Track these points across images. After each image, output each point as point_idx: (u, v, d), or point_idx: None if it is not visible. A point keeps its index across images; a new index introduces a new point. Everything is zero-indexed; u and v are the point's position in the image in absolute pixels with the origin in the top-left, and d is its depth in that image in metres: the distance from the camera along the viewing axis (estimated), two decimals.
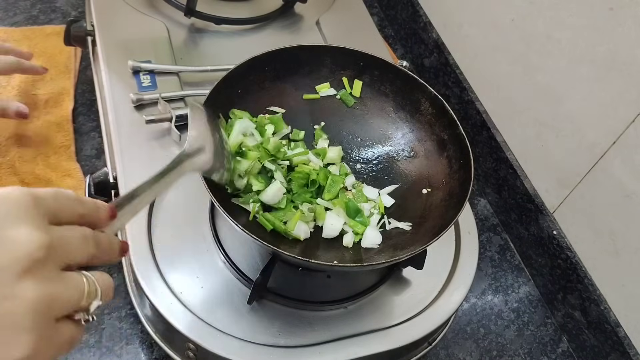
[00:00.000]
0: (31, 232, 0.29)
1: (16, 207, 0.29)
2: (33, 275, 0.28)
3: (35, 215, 0.30)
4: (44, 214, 0.31)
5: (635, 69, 0.64)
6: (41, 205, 0.31)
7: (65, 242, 0.31)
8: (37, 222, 0.30)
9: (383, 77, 0.68)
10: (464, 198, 0.56)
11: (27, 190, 0.31)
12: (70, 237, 0.32)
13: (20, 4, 0.97)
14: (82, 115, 0.85)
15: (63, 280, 0.30)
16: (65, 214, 0.32)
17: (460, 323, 0.77)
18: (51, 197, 0.32)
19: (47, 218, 0.31)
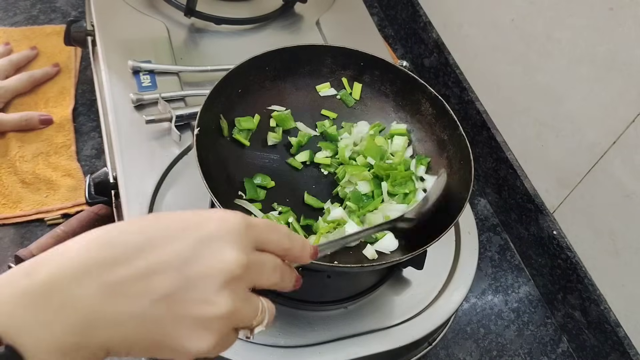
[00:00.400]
0: (238, 253, 0.34)
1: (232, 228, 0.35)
2: (230, 289, 0.33)
3: (245, 239, 0.35)
4: (252, 240, 0.36)
5: (635, 69, 0.64)
6: (252, 232, 0.36)
7: (259, 267, 0.36)
8: (244, 245, 0.35)
9: (383, 77, 0.68)
10: (464, 198, 0.56)
11: (244, 217, 0.36)
12: (264, 264, 0.37)
13: (20, 4, 0.97)
14: (82, 115, 0.85)
15: (249, 300, 0.36)
16: (271, 244, 0.37)
17: (460, 323, 0.77)
18: (263, 228, 0.37)
19: (254, 244, 0.36)
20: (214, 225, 0.34)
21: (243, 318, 0.35)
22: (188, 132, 0.70)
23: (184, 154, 0.68)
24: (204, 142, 0.57)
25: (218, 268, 0.33)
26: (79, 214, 0.72)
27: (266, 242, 0.37)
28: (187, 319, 0.32)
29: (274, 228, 0.38)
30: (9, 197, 0.75)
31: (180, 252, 0.33)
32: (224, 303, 0.33)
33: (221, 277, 0.33)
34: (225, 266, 0.33)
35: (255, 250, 0.36)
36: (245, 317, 0.35)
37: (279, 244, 0.38)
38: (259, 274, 0.36)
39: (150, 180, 0.65)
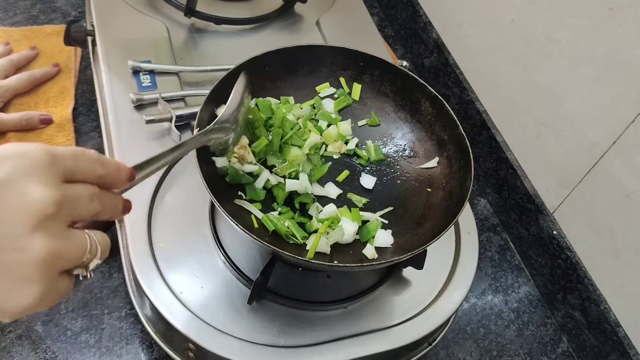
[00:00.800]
0: (45, 189, 0.31)
1: (34, 164, 0.31)
2: (43, 230, 0.30)
3: (51, 173, 0.32)
4: (60, 173, 0.32)
5: (635, 69, 0.64)
6: (59, 164, 0.32)
7: (74, 200, 0.33)
8: (52, 180, 0.31)
9: (383, 77, 0.68)
10: (464, 198, 0.56)
11: (47, 148, 0.32)
12: (79, 195, 0.33)
13: (20, 4, 0.97)
14: (82, 115, 0.85)
15: (69, 237, 0.32)
16: (82, 174, 0.34)
17: (460, 323, 0.77)
18: (70, 157, 0.33)
19: (62, 176, 0.32)
20: (13, 162, 0.31)
21: (68, 257, 0.32)
22: (188, 132, 0.70)
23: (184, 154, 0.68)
24: None
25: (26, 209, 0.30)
26: None
27: (76, 171, 0.34)
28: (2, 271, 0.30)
29: (83, 155, 0.35)
30: None
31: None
32: (38, 246, 0.30)
33: (31, 218, 0.30)
34: (33, 206, 0.30)
35: (65, 183, 0.33)
36: (70, 255, 0.33)
37: (91, 171, 0.35)
38: (75, 206, 0.33)
39: (150, 180, 0.64)
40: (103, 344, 0.65)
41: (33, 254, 0.30)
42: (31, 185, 0.31)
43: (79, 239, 0.33)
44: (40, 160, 0.31)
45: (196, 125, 0.56)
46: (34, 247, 0.30)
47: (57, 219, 0.32)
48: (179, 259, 0.61)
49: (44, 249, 0.30)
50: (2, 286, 0.30)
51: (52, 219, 0.31)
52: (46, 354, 0.64)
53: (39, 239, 0.30)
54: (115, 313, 0.68)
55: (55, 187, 0.31)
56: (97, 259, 0.35)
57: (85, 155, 0.35)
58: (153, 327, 0.61)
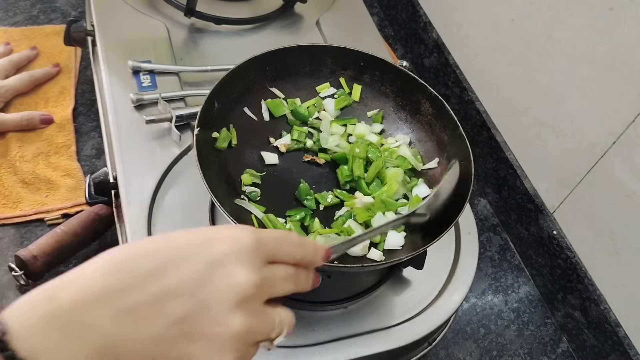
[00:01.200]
0: (248, 273, 0.34)
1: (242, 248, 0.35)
2: (242, 309, 0.34)
3: (256, 258, 0.35)
4: (263, 257, 0.36)
5: (635, 69, 0.64)
6: (263, 249, 0.36)
7: (272, 281, 0.36)
8: (256, 264, 0.35)
9: (383, 77, 0.68)
10: (464, 198, 0.56)
11: (255, 234, 0.36)
12: (276, 277, 0.37)
13: (20, 4, 0.97)
14: (82, 115, 0.85)
15: (263, 315, 0.36)
16: (283, 257, 0.38)
17: (460, 323, 0.77)
18: (274, 243, 0.37)
19: (265, 260, 0.36)
20: (225, 246, 0.35)
21: (259, 333, 0.36)
22: (188, 132, 0.70)
23: (184, 154, 0.68)
24: (204, 142, 0.57)
25: (230, 290, 0.34)
26: (79, 214, 0.72)
27: (278, 255, 0.37)
28: (202, 340, 0.33)
29: (285, 240, 0.38)
30: (9, 197, 0.75)
31: (192, 276, 0.33)
32: (237, 323, 0.34)
33: (233, 298, 0.34)
34: (237, 287, 0.34)
35: (266, 265, 0.36)
36: (262, 332, 0.36)
37: (291, 254, 0.38)
38: (272, 287, 0.37)
39: (150, 180, 0.65)
40: None
41: (232, 329, 0.33)
42: (238, 268, 0.34)
43: (271, 317, 0.37)
44: (249, 246, 0.35)
45: (196, 125, 0.56)
46: (234, 323, 0.33)
47: (256, 298, 0.35)
48: None
49: (242, 326, 0.34)
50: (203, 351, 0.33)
51: (252, 299, 0.35)
52: None
53: (238, 317, 0.34)
54: None
55: (257, 271, 0.35)
56: (282, 337, 0.38)
57: (288, 241, 0.38)
58: None
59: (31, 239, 0.72)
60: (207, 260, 0.34)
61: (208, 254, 0.34)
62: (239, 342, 0.34)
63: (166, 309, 0.33)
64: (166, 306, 0.33)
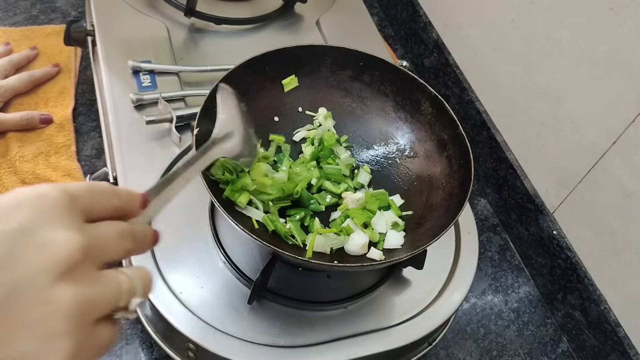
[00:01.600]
0: (67, 234, 0.28)
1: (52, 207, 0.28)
2: (69, 278, 0.27)
3: (71, 215, 0.29)
4: (80, 213, 0.29)
5: (635, 69, 0.64)
6: (76, 203, 0.29)
7: (102, 241, 0.30)
8: (73, 222, 0.29)
9: (383, 77, 0.68)
10: (464, 198, 0.56)
11: (62, 188, 0.29)
12: (107, 235, 0.31)
13: (20, 4, 0.97)
14: (82, 115, 0.85)
15: (100, 281, 0.29)
16: (100, 208, 0.31)
17: (460, 323, 0.77)
18: (86, 193, 0.30)
19: (82, 216, 0.30)
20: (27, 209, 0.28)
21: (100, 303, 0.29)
22: (188, 133, 0.70)
23: (184, 154, 0.68)
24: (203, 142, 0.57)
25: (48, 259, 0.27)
26: None
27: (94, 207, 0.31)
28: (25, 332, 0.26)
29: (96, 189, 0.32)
30: None
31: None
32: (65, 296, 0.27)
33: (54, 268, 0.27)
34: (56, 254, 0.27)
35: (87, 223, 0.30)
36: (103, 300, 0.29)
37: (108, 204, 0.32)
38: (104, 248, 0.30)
39: (150, 180, 0.65)
40: None
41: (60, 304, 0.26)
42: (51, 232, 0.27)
43: (112, 280, 0.30)
44: (58, 202, 0.28)
45: (196, 125, 0.56)
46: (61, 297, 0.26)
47: (85, 264, 0.28)
48: (179, 259, 0.61)
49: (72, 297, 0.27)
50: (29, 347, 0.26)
51: (79, 265, 0.28)
52: None
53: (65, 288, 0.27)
54: None
55: (77, 230, 0.28)
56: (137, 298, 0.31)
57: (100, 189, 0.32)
58: (153, 327, 0.61)
59: None
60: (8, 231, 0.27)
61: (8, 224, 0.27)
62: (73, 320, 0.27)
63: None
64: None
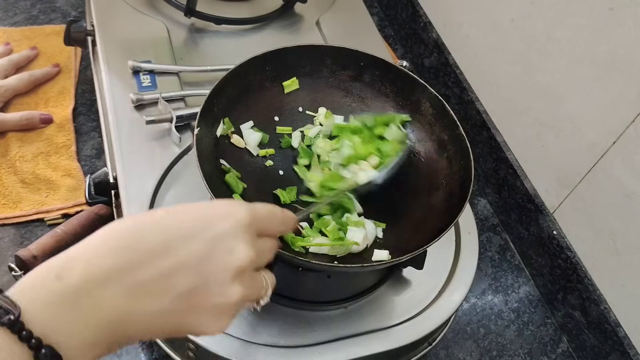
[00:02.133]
0: (246, 248, 0.37)
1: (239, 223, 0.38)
2: (240, 280, 0.37)
3: (250, 232, 0.38)
4: (256, 231, 0.39)
5: (635, 69, 0.64)
6: (256, 223, 0.39)
7: (262, 253, 0.40)
8: (250, 238, 0.38)
9: (383, 77, 0.68)
10: (464, 198, 0.56)
11: (250, 209, 0.39)
12: (265, 249, 0.41)
13: (20, 4, 0.97)
14: (82, 115, 0.85)
15: (255, 282, 0.40)
16: (270, 231, 0.42)
17: (460, 323, 0.77)
18: (265, 218, 0.41)
19: (257, 234, 0.39)
20: (226, 223, 0.37)
21: (251, 299, 0.40)
22: (188, 133, 0.70)
23: (184, 154, 0.68)
24: (204, 142, 0.57)
25: (230, 264, 0.37)
26: (79, 214, 0.72)
27: (267, 229, 0.41)
28: (205, 310, 0.36)
29: (273, 215, 0.42)
30: (9, 197, 0.75)
31: (196, 252, 0.36)
32: (236, 294, 0.37)
33: (233, 271, 0.37)
34: (236, 262, 0.37)
35: (258, 238, 0.40)
36: (254, 296, 0.40)
37: (277, 229, 0.43)
38: (262, 259, 0.41)
39: (150, 180, 0.65)
40: None
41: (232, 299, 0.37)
42: (237, 244, 0.37)
43: (260, 282, 0.41)
44: (245, 221, 0.38)
45: (196, 125, 0.56)
46: (233, 294, 0.37)
47: (250, 270, 0.39)
48: None
49: (240, 295, 0.37)
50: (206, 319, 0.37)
51: (247, 271, 0.38)
52: None
53: (236, 288, 0.37)
54: None
55: (252, 246, 0.38)
56: (267, 297, 0.42)
57: (276, 217, 0.42)
58: None
59: (31, 239, 0.72)
60: (209, 237, 0.37)
61: (209, 230, 0.37)
62: (236, 308, 0.38)
63: (172, 283, 0.35)
64: (172, 281, 0.35)
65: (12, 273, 0.67)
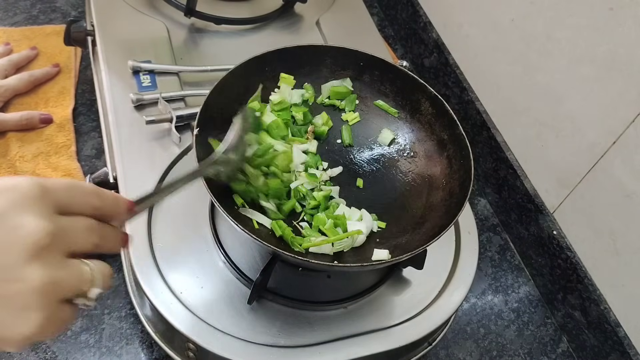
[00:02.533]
0: (36, 220, 0.32)
1: (24, 196, 0.32)
2: (39, 260, 0.31)
3: (42, 204, 0.33)
4: (52, 204, 0.33)
5: (635, 69, 0.64)
6: (49, 196, 0.33)
7: (69, 231, 0.34)
8: (43, 211, 0.32)
9: (383, 77, 0.68)
10: (464, 198, 0.56)
11: (37, 180, 0.33)
12: (75, 227, 0.35)
13: (20, 4, 0.97)
14: (82, 115, 0.85)
15: (66, 267, 0.33)
16: (77, 206, 0.35)
17: (460, 323, 0.77)
18: (63, 189, 0.35)
19: (55, 208, 0.33)
20: (4, 197, 0.32)
21: (66, 286, 0.33)
22: (188, 133, 0.70)
23: (184, 154, 0.68)
24: (204, 142, 0.57)
25: (19, 241, 0.31)
26: None
27: (70, 204, 0.35)
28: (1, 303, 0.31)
29: (77, 187, 0.36)
30: None
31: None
32: (36, 276, 0.31)
33: (26, 249, 0.31)
34: (27, 237, 0.31)
35: (59, 215, 0.34)
36: (68, 284, 0.33)
37: (86, 203, 0.36)
38: (71, 238, 0.34)
39: (150, 180, 0.65)
40: (103, 343, 0.65)
41: (31, 282, 0.31)
42: (23, 218, 0.32)
43: (77, 268, 0.34)
44: (30, 192, 0.33)
45: (196, 125, 0.56)
46: (31, 276, 0.31)
47: (53, 249, 0.32)
48: (179, 259, 0.61)
49: (41, 277, 0.31)
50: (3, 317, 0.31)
51: (48, 249, 0.32)
52: (46, 354, 0.64)
53: (35, 269, 0.31)
54: (115, 313, 0.68)
55: (47, 218, 0.32)
56: (97, 288, 0.35)
57: (80, 188, 0.36)
58: (153, 327, 0.61)
59: None
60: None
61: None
62: (42, 297, 0.31)
63: None
64: None
65: None
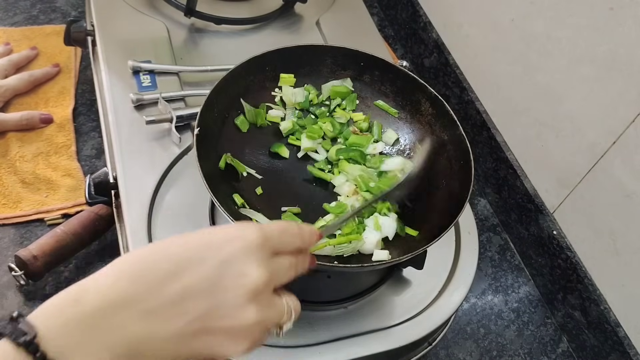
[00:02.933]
0: (258, 270, 0.37)
1: (249, 245, 0.38)
2: (255, 302, 0.37)
3: (262, 253, 0.38)
4: (269, 251, 0.39)
5: (635, 69, 0.64)
6: (268, 244, 0.39)
7: (279, 272, 0.40)
8: (264, 260, 0.38)
9: (383, 77, 0.68)
10: (464, 198, 0.56)
11: (260, 230, 0.39)
12: (282, 267, 0.40)
13: (20, 4, 0.97)
14: (82, 115, 0.85)
15: (274, 305, 0.40)
16: (285, 248, 0.41)
17: (460, 323, 0.77)
18: (277, 236, 0.40)
19: (270, 254, 0.39)
20: (235, 245, 0.37)
21: (270, 323, 0.40)
22: (188, 133, 0.70)
23: (184, 154, 0.68)
24: (204, 142, 0.57)
25: (243, 286, 0.37)
26: (79, 214, 0.72)
27: (281, 248, 0.41)
28: (220, 332, 0.37)
29: (286, 232, 0.41)
30: (9, 197, 0.75)
31: (206, 276, 0.36)
32: (251, 316, 0.37)
33: (246, 293, 0.37)
34: (249, 284, 0.37)
35: (272, 258, 0.39)
36: (272, 320, 0.40)
37: (292, 244, 0.42)
38: (279, 278, 0.40)
39: (150, 180, 0.65)
40: None
41: (247, 322, 0.37)
42: (247, 266, 0.37)
43: (280, 306, 0.40)
44: (256, 242, 0.38)
45: (196, 125, 0.56)
46: (248, 316, 0.37)
47: (266, 291, 0.38)
48: None
49: (255, 317, 0.37)
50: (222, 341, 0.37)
51: (262, 291, 0.38)
52: None
53: (251, 310, 0.37)
54: None
55: (266, 267, 0.38)
56: (289, 324, 0.41)
57: (290, 232, 0.42)
58: None
59: (31, 239, 0.72)
60: (219, 260, 0.37)
61: (219, 254, 0.37)
62: (253, 331, 0.38)
63: (185, 308, 0.35)
64: (185, 305, 0.35)
65: (12, 273, 0.67)
